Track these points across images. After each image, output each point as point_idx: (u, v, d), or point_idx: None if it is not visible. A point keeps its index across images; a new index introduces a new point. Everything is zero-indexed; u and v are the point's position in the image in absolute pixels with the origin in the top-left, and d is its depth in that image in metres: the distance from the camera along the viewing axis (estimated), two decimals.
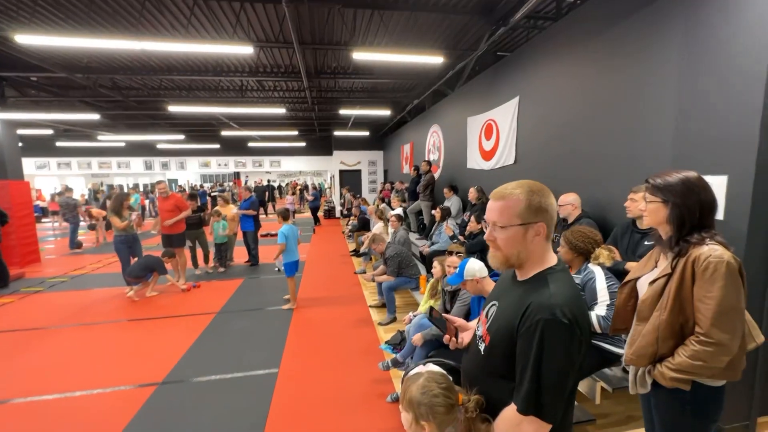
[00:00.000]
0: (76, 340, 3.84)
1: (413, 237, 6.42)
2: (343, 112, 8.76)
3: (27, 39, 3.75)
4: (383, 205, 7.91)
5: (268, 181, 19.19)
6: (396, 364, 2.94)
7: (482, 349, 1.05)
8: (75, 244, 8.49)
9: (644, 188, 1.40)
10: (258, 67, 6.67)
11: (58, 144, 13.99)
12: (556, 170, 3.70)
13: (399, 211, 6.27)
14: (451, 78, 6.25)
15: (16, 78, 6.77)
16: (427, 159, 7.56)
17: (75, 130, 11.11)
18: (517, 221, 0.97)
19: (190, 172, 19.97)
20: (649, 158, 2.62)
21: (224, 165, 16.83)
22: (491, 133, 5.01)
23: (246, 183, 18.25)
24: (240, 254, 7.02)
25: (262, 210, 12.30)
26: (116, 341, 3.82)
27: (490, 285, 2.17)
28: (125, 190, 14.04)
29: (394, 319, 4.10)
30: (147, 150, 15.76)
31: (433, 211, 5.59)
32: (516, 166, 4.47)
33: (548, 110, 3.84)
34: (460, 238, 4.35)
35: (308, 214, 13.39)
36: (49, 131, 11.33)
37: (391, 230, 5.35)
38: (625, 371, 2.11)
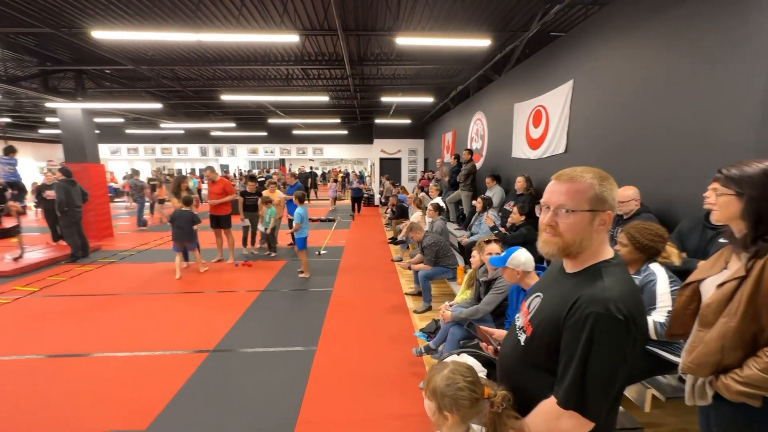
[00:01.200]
0: (141, 307, 4.30)
1: (451, 227, 6.32)
2: (384, 99, 8.73)
3: (101, 34, 4.15)
4: (422, 194, 7.84)
5: (311, 168, 19.78)
6: (429, 350, 2.95)
7: (522, 341, 1.02)
8: (141, 222, 9.43)
9: (716, 179, 1.25)
10: (303, 56, 6.81)
11: (128, 131, 15.46)
12: (611, 161, 3.42)
13: (438, 200, 6.18)
14: (498, 62, 5.95)
15: (93, 71, 7.52)
16: (468, 147, 7.33)
17: (142, 118, 12.17)
18: (586, 206, 0.91)
19: (239, 159, 21.15)
20: (724, 147, 2.32)
21: (270, 152, 17.56)
22: (540, 120, 4.72)
23: (290, 169, 18.98)
24: (282, 237, 7.35)
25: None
26: (175, 310, 4.22)
27: (532, 279, 2.09)
28: (184, 174, 15.23)
29: (429, 308, 4.10)
30: (202, 137, 16.87)
31: (473, 201, 5.44)
32: (566, 156, 4.19)
33: (605, 95, 3.53)
34: (501, 229, 4.21)
35: (349, 200, 13.65)
36: (121, 119, 12.53)
37: (428, 219, 5.31)
38: (681, 380, 1.94)
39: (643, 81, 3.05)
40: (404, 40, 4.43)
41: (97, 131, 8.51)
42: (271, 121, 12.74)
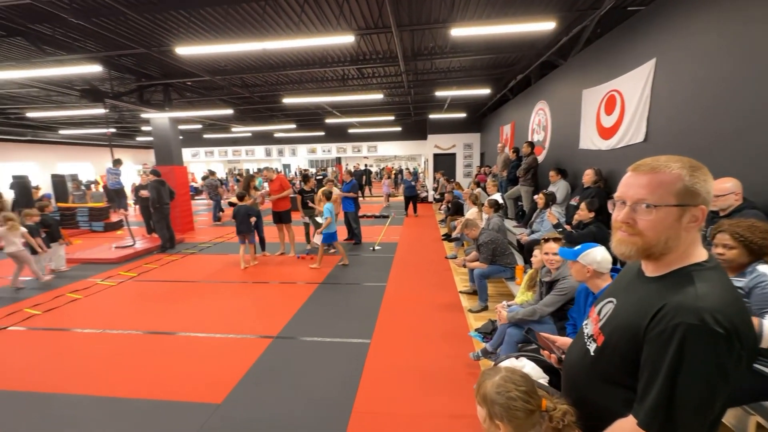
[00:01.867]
0: (216, 293, 4.79)
1: (510, 224, 6.02)
2: (439, 93, 8.56)
3: (184, 50, 4.66)
4: (478, 189, 7.57)
5: (365, 165, 20.20)
6: (486, 354, 2.86)
7: (592, 350, 0.94)
8: (216, 218, 10.48)
9: None
10: (358, 56, 6.96)
11: (205, 136, 17.27)
12: (704, 150, 2.97)
13: (496, 197, 5.92)
14: (564, 46, 5.49)
15: (177, 83, 8.50)
16: (529, 140, 6.89)
17: (216, 124, 13.48)
18: (673, 201, 0.80)
19: (299, 158, 22.37)
20: None
21: (327, 151, 18.30)
22: (614, 106, 4.26)
23: (347, 167, 19.62)
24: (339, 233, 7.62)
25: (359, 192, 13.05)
26: (244, 297, 4.62)
27: (603, 282, 1.90)
28: (251, 173, 16.57)
29: (485, 308, 3.96)
30: (267, 139, 18.16)
31: (535, 197, 5.11)
32: (646, 145, 3.73)
33: (697, 74, 3.06)
34: (567, 227, 3.90)
35: (401, 197, 13.72)
36: (199, 126, 14.03)
37: (485, 216, 5.11)
38: None
39: (745, 56, 2.58)
40: (460, 31, 4.29)
41: (181, 137, 9.62)
42: (328, 121, 13.26)
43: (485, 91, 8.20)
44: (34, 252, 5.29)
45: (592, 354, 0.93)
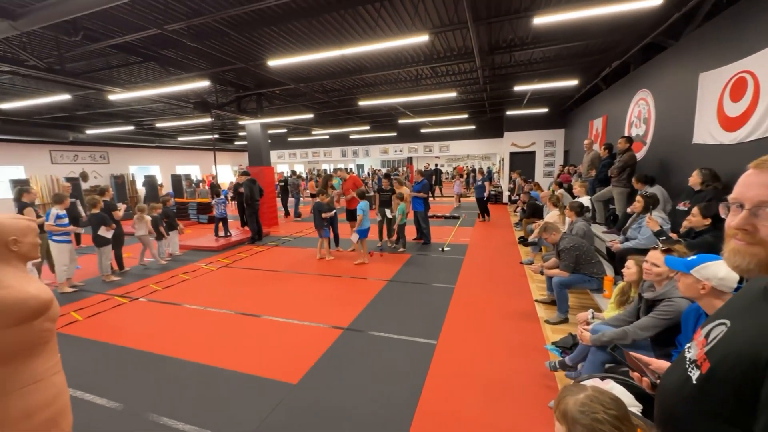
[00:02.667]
0: (295, 283, 5.22)
1: (598, 230, 5.38)
2: (518, 88, 8.06)
3: (275, 62, 5.18)
4: (560, 190, 6.93)
5: (436, 165, 19.98)
6: (564, 366, 2.61)
7: (694, 378, 0.79)
8: (297, 214, 11.41)
9: None
10: (432, 54, 6.91)
11: (289, 139, 18.92)
12: None
13: (584, 199, 5.34)
14: (675, 23, 4.70)
15: (268, 92, 9.47)
16: (627, 134, 6.07)
17: (299, 127, 14.68)
18: None
19: (372, 158, 23.11)
20: None
21: (399, 151, 18.55)
22: (743, 91, 3.51)
23: (417, 167, 19.66)
24: (410, 232, 7.67)
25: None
26: (318, 288, 4.96)
27: (722, 302, 1.58)
28: (329, 173, 17.65)
29: (565, 320, 3.62)
30: (343, 140, 19.15)
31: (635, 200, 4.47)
32: None
33: None
34: (673, 235, 3.34)
35: (474, 198, 13.25)
36: (284, 130, 15.41)
37: (567, 220, 4.65)
38: None
39: None
40: (544, 19, 3.97)
41: (269, 140, 10.69)
42: (400, 121, 13.45)
43: (572, 83, 7.45)
44: (159, 238, 6.45)
45: (694, 382, 0.79)
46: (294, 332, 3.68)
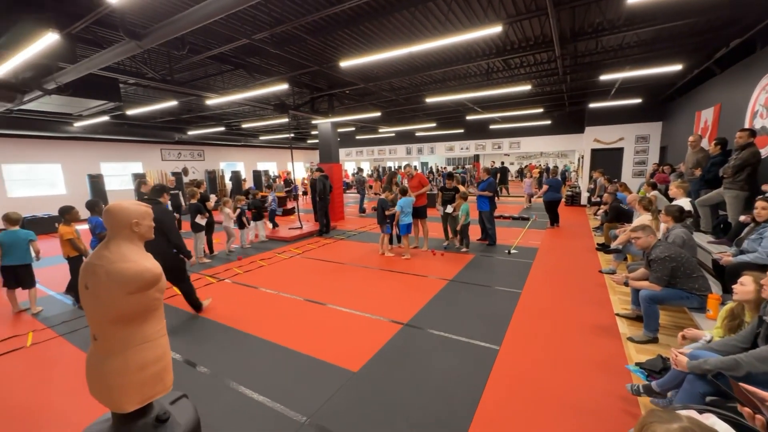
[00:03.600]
0: (357, 275, 5.41)
1: (702, 239, 4.60)
2: (604, 77, 7.23)
3: (346, 63, 5.41)
4: (653, 192, 6.07)
5: (502, 163, 18.93)
6: (650, 392, 2.30)
7: None
8: (362, 209, 11.79)
9: None
10: (505, 46, 6.55)
11: (357, 137, 19.60)
12: None
13: (683, 202, 4.62)
14: None
15: (338, 93, 9.91)
16: (747, 127, 5.07)
17: (366, 125, 15.12)
18: None
19: (437, 156, 22.80)
20: None
21: (465, 148, 18.01)
22: None
23: (484, 165, 18.88)
24: (474, 232, 7.42)
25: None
26: (380, 283, 5.07)
27: None
28: (394, 170, 17.89)
29: (653, 340, 3.18)
30: (408, 138, 19.23)
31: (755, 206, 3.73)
32: None
33: None
34: None
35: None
36: (352, 128, 16.01)
37: (662, 226, 4.06)
38: None
39: None
40: None
41: (338, 139, 11.20)
42: (468, 117, 13.04)
43: (674, 68, 6.44)
44: (242, 227, 7.22)
45: None
46: (355, 323, 3.83)
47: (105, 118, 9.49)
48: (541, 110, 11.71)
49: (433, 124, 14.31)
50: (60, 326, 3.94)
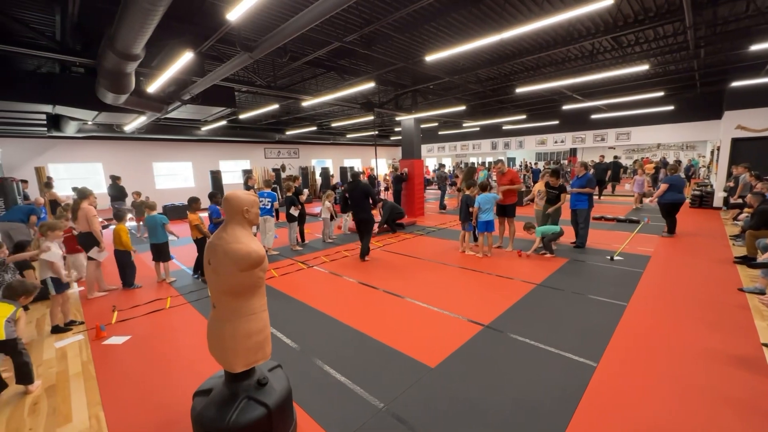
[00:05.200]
0: (436, 272, 5.36)
1: None
2: (757, 47, 5.77)
3: (432, 57, 5.35)
4: None
5: (615, 157, 16.55)
6: None
7: None
8: (442, 206, 11.63)
9: None
10: (616, 21, 5.68)
11: (440, 133, 19.32)
12: None
13: None
14: None
15: (422, 88, 9.88)
16: None
17: (449, 120, 14.78)
18: None
19: (526, 151, 21.13)
20: None
21: (560, 142, 16.30)
22: None
23: (581, 159, 16.83)
24: (568, 234, 6.70)
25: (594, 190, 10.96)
26: (460, 281, 4.94)
27: None
28: (474, 165, 17.20)
29: None
30: (494, 132, 18.22)
31: None
32: None
33: None
34: None
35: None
36: (435, 124, 15.83)
37: None
38: None
39: None
40: None
41: (420, 135, 11.19)
42: (565, 107, 11.77)
43: None
44: (331, 218, 7.77)
45: None
46: (433, 318, 3.80)
47: (223, 122, 11.15)
48: (661, 94, 9.91)
49: (523, 116, 13.27)
50: (188, 295, 4.79)
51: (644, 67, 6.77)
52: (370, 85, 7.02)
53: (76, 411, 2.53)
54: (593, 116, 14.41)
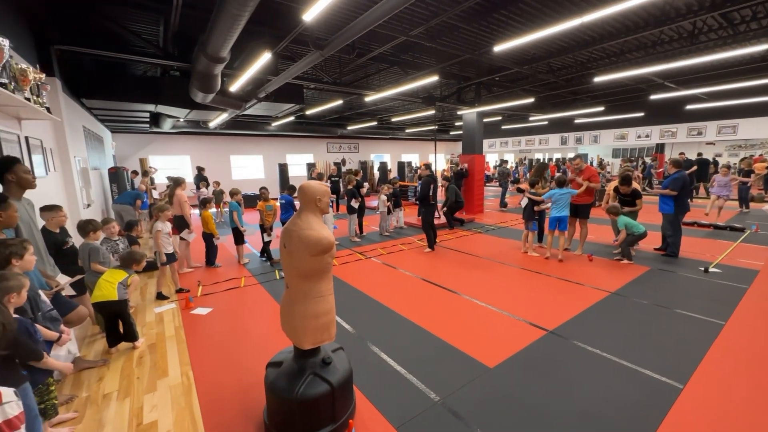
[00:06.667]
0: (495, 271, 5.16)
1: None
2: None
3: (501, 47, 5.11)
4: None
5: (699, 154, 14.25)
6: None
7: None
8: (503, 204, 11.12)
9: None
10: None
11: (503, 127, 18.41)
12: None
13: None
14: None
15: (487, 80, 9.48)
16: None
17: (515, 114, 14.01)
18: None
19: (601, 146, 19.22)
20: None
21: (645, 136, 14.53)
22: None
23: (670, 156, 14.79)
24: (651, 239, 5.99)
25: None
26: (520, 282, 4.71)
27: None
28: (545, 162, 16.09)
29: None
30: (564, 126, 16.85)
31: None
32: None
33: None
34: None
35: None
36: (499, 118, 15.11)
37: None
38: None
39: None
40: None
41: (482, 129, 10.77)
42: (653, 97, 10.43)
43: None
44: (388, 212, 7.89)
45: None
46: (491, 318, 3.68)
47: (291, 118, 11.88)
48: None
49: (600, 108, 12.06)
50: (259, 276, 5.25)
51: (762, 47, 5.71)
52: (433, 78, 6.94)
53: (171, 367, 2.95)
54: (688, 107, 12.59)
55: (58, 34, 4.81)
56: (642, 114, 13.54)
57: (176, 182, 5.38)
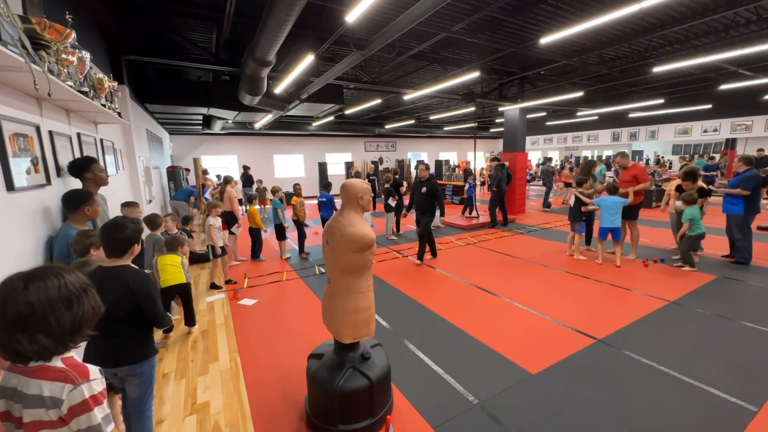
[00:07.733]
0: (538, 274, 4.95)
1: None
2: None
3: (547, 39, 4.87)
4: None
5: None
6: None
7: None
8: (546, 204, 10.61)
9: None
10: None
11: (547, 123, 17.51)
12: None
13: None
14: None
15: (532, 75, 9.06)
16: None
17: (561, 109, 13.26)
18: None
19: (659, 142, 17.65)
20: None
21: (713, 130, 13.13)
22: None
23: (742, 153, 13.21)
24: (713, 242, 5.44)
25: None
26: (566, 287, 4.47)
27: None
28: (592, 159, 15.10)
29: None
30: (616, 121, 15.70)
31: None
32: None
33: None
34: None
35: None
36: (543, 113, 14.38)
37: None
38: None
39: None
40: None
41: (525, 125, 10.32)
42: (723, 87, 9.40)
43: None
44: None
45: None
46: (534, 323, 3.54)
47: (331, 118, 12.16)
48: None
49: (660, 101, 11.07)
50: (299, 271, 5.45)
51: None
52: (473, 75, 6.77)
53: (221, 353, 3.16)
54: (766, 97, 11.18)
55: (128, 45, 5.30)
56: (710, 106, 12.24)
57: (226, 180, 5.73)
